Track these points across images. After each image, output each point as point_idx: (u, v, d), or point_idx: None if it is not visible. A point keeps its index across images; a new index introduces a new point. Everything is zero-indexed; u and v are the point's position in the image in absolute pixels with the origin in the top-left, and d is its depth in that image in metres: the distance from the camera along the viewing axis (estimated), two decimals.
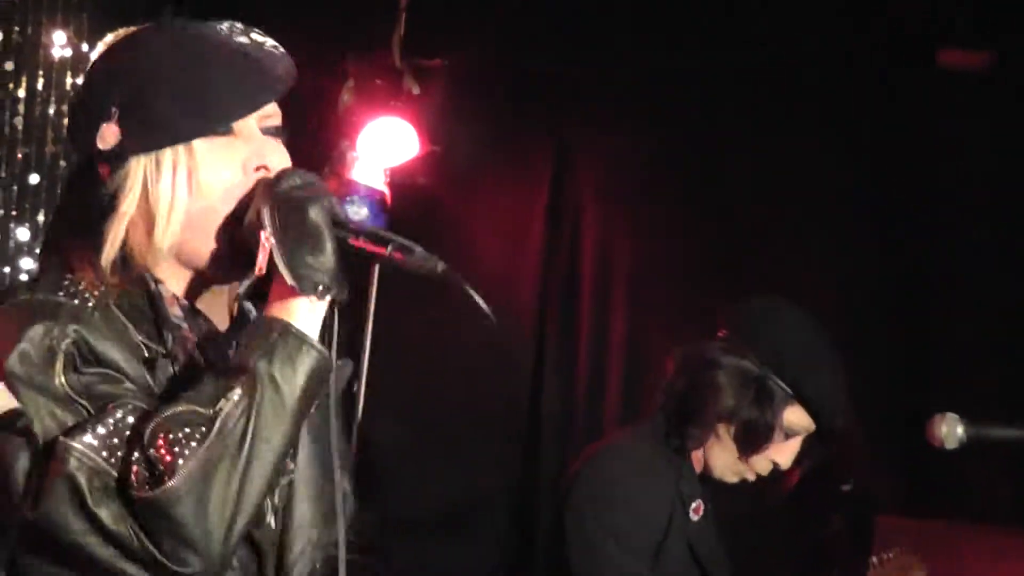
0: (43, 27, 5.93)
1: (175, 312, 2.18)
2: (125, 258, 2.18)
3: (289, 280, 2.09)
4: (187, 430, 1.94)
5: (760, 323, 4.21)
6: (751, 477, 4.04)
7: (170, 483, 1.90)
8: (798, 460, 4.22)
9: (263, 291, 2.18)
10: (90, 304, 2.12)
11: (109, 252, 2.15)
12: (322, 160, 5.61)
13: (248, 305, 2.34)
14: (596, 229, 6.38)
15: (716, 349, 3.98)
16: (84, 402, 2.00)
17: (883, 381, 5.69)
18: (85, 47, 5.89)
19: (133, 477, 1.93)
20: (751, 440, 3.96)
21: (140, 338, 2.13)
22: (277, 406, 2.01)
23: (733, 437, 3.95)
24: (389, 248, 2.15)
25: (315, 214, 2.10)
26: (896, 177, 5.88)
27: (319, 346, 2.05)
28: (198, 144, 2.15)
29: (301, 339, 2.01)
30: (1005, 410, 3.87)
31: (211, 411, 1.95)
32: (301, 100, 5.42)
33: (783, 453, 4.04)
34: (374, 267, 2.35)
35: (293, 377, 2.03)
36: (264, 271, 2.12)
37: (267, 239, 2.10)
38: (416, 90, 5.85)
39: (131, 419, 1.97)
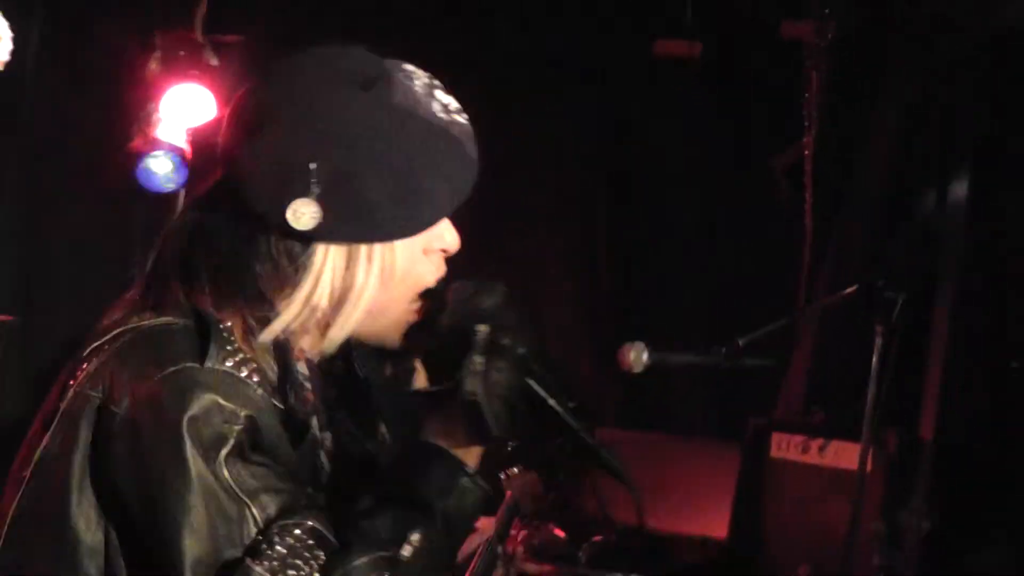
0: None
1: (301, 369, 1.99)
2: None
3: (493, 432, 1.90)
4: None
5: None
6: None
7: None
8: None
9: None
10: (255, 380, 1.88)
11: (277, 330, 1.89)
12: (131, 120, 5.69)
13: (358, 366, 2.12)
14: None
15: None
16: (247, 499, 1.80)
17: (604, 318, 6.04)
18: None
19: None
20: None
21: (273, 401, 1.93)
22: (446, 551, 1.92)
23: None
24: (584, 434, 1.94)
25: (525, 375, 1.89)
26: (620, 154, 6.21)
27: (487, 487, 1.89)
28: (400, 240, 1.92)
29: (476, 484, 1.86)
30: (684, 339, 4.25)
31: (391, 554, 1.82)
32: (115, 67, 5.68)
33: None
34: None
35: (465, 521, 1.92)
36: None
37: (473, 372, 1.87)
38: (214, 61, 5.82)
39: (310, 542, 1.81)
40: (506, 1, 6.03)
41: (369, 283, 1.86)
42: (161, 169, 5.63)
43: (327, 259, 1.87)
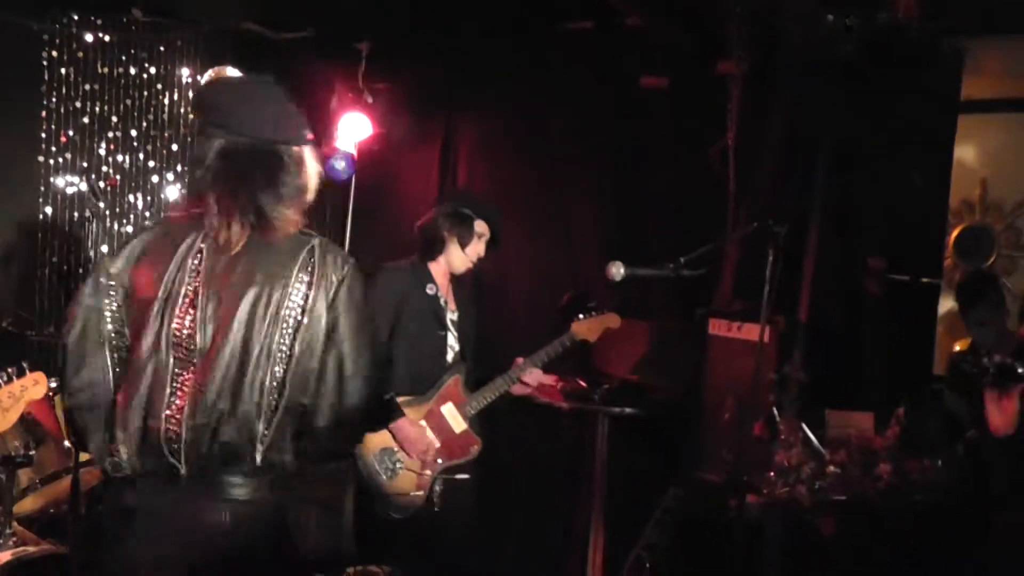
0: (175, 65, 6.43)
1: None
2: None
3: None
4: None
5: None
6: (473, 261, 4.68)
7: None
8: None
9: None
10: None
11: None
12: (320, 137, 6.32)
13: None
14: (465, 169, 6.72)
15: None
16: None
17: (600, 248, 5.99)
18: (198, 77, 6.47)
19: None
20: (464, 242, 4.66)
21: None
22: None
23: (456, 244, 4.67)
24: None
25: None
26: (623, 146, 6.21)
27: None
28: None
29: None
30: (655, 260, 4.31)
31: None
32: (312, 106, 6.40)
33: (480, 248, 4.74)
34: None
35: None
36: None
37: None
38: (370, 100, 6.52)
39: None
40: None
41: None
42: (339, 166, 6.38)
43: (309, 156, 2.74)
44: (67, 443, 4.77)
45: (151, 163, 6.42)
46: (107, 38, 6.22)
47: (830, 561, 4.87)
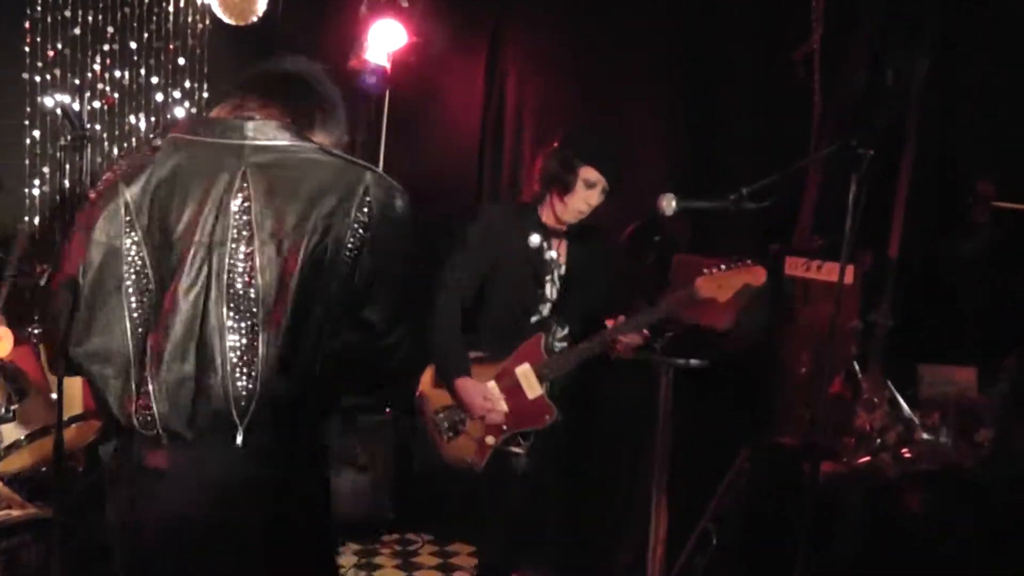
0: None
1: None
2: None
3: None
4: None
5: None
6: (581, 211, 4.45)
7: None
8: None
9: None
10: None
11: None
12: (350, 46, 6.30)
13: None
14: (514, 86, 6.54)
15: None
16: None
17: (670, 177, 5.62)
18: None
19: None
20: (563, 189, 4.43)
21: None
22: None
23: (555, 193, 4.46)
24: None
25: None
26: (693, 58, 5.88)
27: None
28: None
29: None
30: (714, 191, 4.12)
31: None
32: (340, 12, 6.42)
33: (590, 197, 4.47)
34: None
35: None
36: None
37: None
38: (405, 3, 6.34)
39: None
40: None
41: None
42: (371, 79, 6.27)
43: None
44: (54, 396, 4.42)
45: (154, 79, 6.10)
46: None
47: (917, 540, 4.54)
